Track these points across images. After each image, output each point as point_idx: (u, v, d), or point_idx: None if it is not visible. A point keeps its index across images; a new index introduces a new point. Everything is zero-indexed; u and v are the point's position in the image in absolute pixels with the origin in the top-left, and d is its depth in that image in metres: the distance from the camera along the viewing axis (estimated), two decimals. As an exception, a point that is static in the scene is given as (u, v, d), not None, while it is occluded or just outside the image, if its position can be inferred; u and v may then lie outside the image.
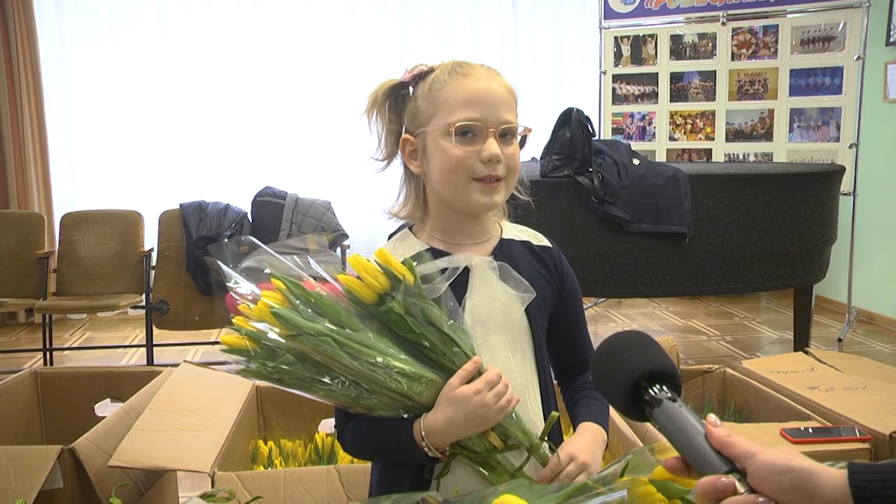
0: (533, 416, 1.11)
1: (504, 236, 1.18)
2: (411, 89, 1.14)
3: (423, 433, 1.00)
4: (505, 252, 1.15)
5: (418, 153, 1.12)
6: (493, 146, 1.07)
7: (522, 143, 1.13)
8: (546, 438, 1.06)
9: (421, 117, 1.11)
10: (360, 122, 1.15)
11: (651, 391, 0.78)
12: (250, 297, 1.03)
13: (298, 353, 0.99)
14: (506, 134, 1.09)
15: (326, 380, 0.98)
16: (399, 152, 1.15)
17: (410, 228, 1.19)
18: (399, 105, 1.15)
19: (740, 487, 0.67)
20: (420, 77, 1.13)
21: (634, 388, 0.79)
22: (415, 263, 1.03)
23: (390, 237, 1.20)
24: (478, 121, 1.07)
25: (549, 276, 1.18)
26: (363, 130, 1.16)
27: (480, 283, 1.11)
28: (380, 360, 0.97)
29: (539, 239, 1.22)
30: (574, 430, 1.14)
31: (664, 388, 0.78)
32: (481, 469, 1.04)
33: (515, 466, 1.05)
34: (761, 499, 0.66)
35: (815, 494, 0.65)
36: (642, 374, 0.78)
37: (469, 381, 1.00)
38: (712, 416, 0.73)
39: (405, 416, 1.02)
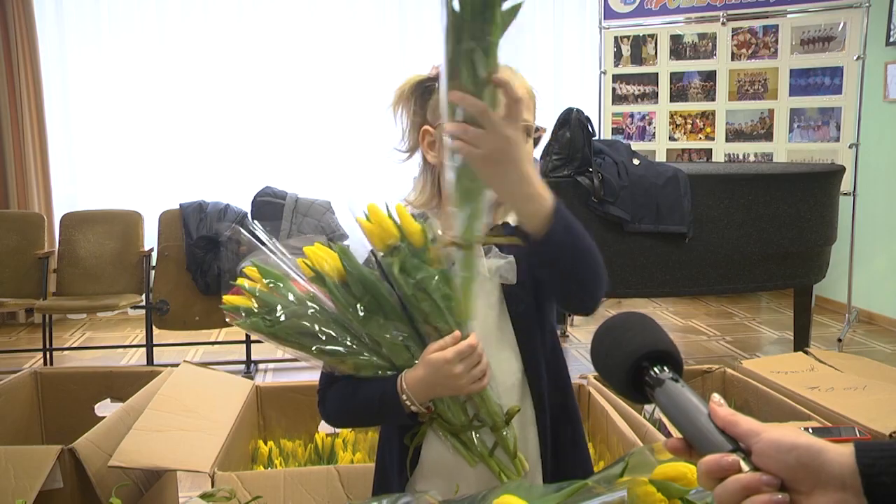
0: (507, 400, 1.11)
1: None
2: (437, 84, 1.14)
3: (405, 386, 1.04)
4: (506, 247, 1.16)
5: (436, 143, 1.14)
6: None
7: (535, 144, 1.15)
8: (511, 424, 1.07)
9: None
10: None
11: (653, 371, 0.77)
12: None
13: (293, 311, 1.05)
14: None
15: (321, 337, 1.03)
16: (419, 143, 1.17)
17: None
18: (424, 98, 1.17)
19: (745, 466, 0.66)
20: None
21: (636, 368, 0.77)
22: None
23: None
24: None
25: None
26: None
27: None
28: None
29: None
30: None
31: (666, 368, 0.77)
32: (455, 443, 1.06)
33: (488, 448, 1.06)
34: (766, 477, 0.65)
35: (821, 472, 0.64)
36: (644, 354, 0.77)
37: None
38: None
39: (389, 373, 1.06)
